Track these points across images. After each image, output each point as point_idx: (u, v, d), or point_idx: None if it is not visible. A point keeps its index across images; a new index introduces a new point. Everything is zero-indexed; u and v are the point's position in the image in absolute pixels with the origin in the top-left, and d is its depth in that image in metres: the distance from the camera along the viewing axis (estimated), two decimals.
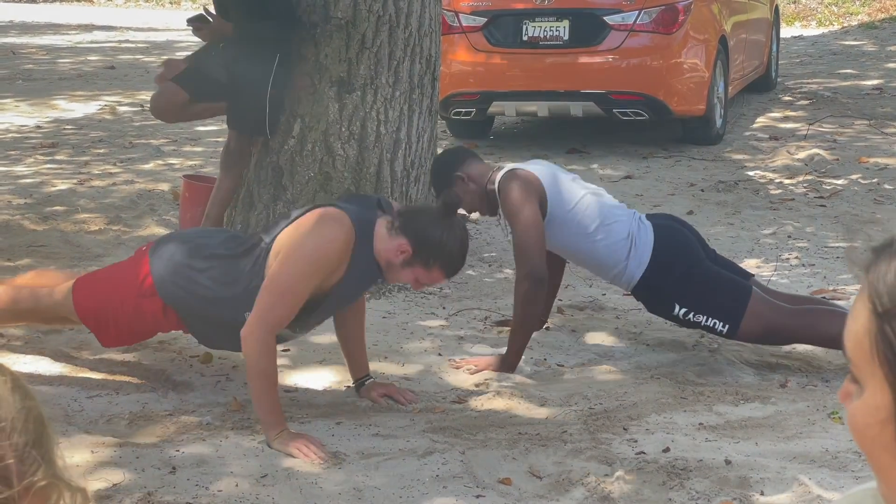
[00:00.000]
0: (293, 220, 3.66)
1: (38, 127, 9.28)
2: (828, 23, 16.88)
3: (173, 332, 4.01)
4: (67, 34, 16.63)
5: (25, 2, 22.78)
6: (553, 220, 4.29)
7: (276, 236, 3.65)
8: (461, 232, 3.69)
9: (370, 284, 3.81)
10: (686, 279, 4.30)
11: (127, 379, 4.07)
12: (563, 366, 4.45)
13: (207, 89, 5.45)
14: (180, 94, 5.42)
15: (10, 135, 8.88)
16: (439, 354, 4.46)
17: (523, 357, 4.33)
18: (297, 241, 3.56)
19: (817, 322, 4.25)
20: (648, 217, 4.47)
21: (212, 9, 5.47)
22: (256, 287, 3.57)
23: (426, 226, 3.62)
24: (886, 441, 1.04)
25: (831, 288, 5.34)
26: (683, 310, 4.30)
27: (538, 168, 4.42)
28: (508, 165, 4.50)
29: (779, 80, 11.45)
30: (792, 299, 4.46)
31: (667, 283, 4.31)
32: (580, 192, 4.38)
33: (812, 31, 16.31)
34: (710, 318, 4.28)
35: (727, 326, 4.27)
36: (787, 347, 4.57)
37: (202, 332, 3.88)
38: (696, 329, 4.43)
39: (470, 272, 5.51)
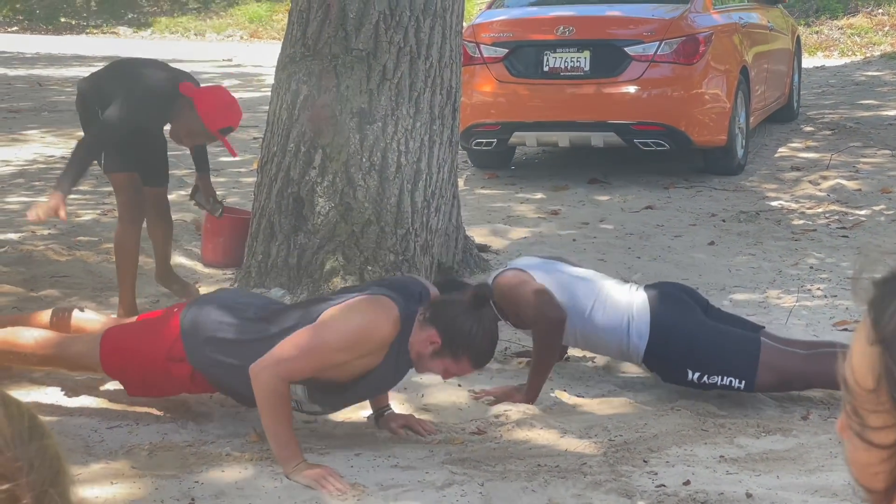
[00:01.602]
0: (344, 301, 3.66)
1: (64, 158, 9.34)
2: (850, 53, 16.84)
3: None
4: (93, 66, 16.70)
5: (51, 34, 23.00)
6: None
7: (320, 313, 3.63)
8: (490, 324, 3.68)
9: (403, 375, 3.82)
10: (692, 343, 4.29)
11: (147, 410, 4.08)
12: (582, 397, 4.44)
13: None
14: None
15: (36, 166, 8.96)
16: (458, 385, 4.45)
17: (543, 388, 4.32)
18: (344, 314, 3.58)
19: (832, 366, 4.22)
20: (645, 287, 4.48)
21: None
22: None
23: (456, 317, 3.60)
24: (888, 476, 1.02)
25: (854, 320, 5.30)
26: (697, 374, 4.29)
27: (524, 263, 4.50)
28: (490, 275, 4.57)
29: (800, 110, 11.42)
30: (805, 345, 4.43)
31: (673, 350, 4.31)
32: (569, 277, 4.42)
33: (834, 61, 16.27)
34: (724, 378, 4.27)
35: (743, 382, 4.27)
36: None
37: (233, 395, 3.90)
38: (714, 390, 4.39)
39: None
